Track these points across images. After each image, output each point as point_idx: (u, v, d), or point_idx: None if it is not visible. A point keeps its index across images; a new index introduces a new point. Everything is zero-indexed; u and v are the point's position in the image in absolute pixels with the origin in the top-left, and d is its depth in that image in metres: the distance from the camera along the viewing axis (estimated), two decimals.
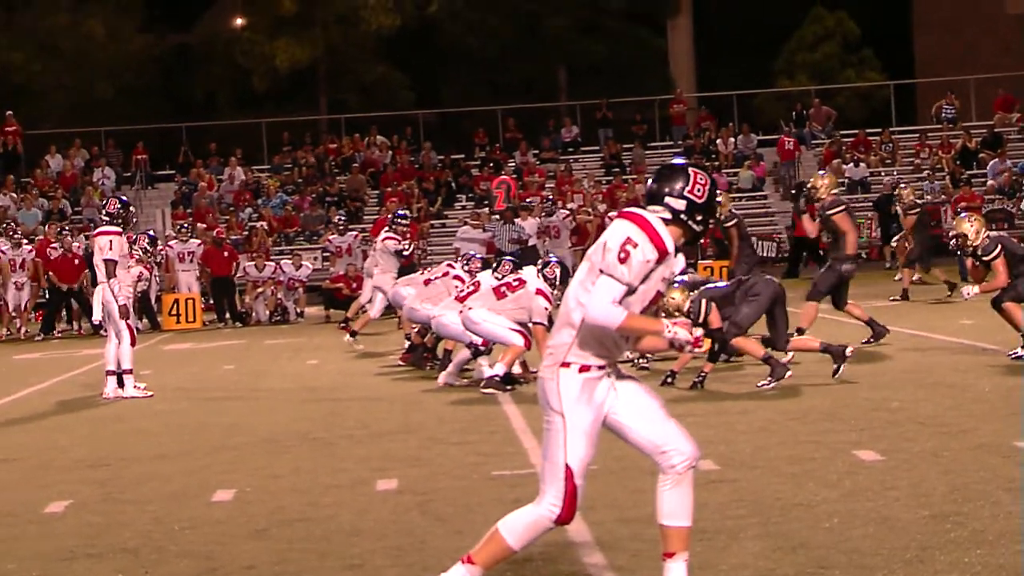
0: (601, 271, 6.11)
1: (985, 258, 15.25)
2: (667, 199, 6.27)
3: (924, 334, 17.82)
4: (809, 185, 17.76)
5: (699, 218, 6.29)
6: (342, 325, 22.37)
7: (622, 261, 6.06)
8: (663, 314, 12.76)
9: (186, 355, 21.79)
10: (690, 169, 6.36)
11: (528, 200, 33.32)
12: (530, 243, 29.52)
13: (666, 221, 6.22)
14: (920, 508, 8.00)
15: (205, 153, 41.96)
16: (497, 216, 31.25)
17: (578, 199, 35.82)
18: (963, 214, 16.48)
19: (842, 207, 16.88)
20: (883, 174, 39.56)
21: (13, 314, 27.64)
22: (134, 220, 16.78)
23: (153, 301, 28.57)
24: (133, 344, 15.91)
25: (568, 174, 39.55)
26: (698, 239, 6.39)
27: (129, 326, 15.89)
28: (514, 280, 15.05)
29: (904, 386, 13.30)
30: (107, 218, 16.17)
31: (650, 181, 6.41)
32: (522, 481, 9.24)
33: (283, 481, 10.06)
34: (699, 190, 6.29)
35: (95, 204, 37.56)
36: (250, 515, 8.87)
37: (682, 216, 6.26)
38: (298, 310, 28.81)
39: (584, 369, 6.17)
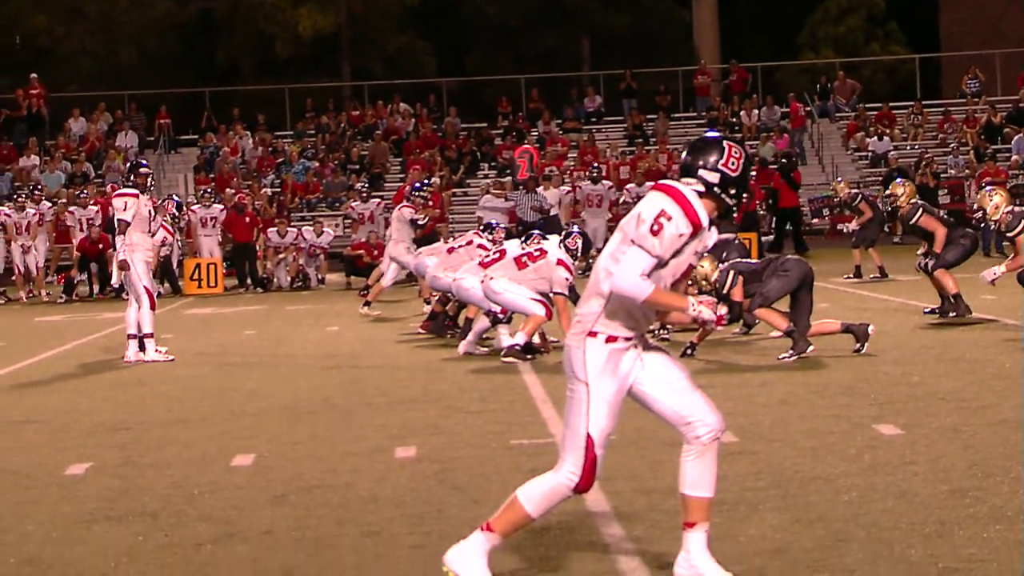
0: (632, 242, 6.08)
1: (1009, 234, 15.23)
2: (701, 171, 6.24)
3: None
4: (888, 193, 17.80)
5: (732, 191, 6.26)
6: (362, 292, 22.40)
7: (654, 233, 6.04)
8: (690, 281, 12.78)
9: (207, 320, 21.84)
10: (725, 142, 6.33)
11: (549, 169, 33.25)
12: (552, 213, 29.48)
13: (699, 194, 6.19)
14: (939, 483, 7.99)
15: (228, 119, 41.98)
16: (520, 185, 31.22)
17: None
18: (987, 188, 16.44)
19: (920, 210, 16.88)
20: (908, 147, 39.46)
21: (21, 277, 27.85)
22: (151, 186, 16.79)
23: (175, 266, 28.64)
24: (153, 308, 15.95)
25: (591, 144, 39.50)
26: (731, 212, 6.35)
27: (148, 290, 15.93)
28: (535, 250, 15.03)
29: (925, 361, 13.28)
30: (128, 180, 16.28)
31: (684, 153, 6.37)
32: (541, 450, 9.25)
33: (302, 447, 10.08)
34: (733, 163, 6.25)
35: (118, 168, 37.69)
36: (269, 480, 8.89)
37: (715, 189, 6.24)
38: (319, 276, 28.85)
39: (611, 340, 6.15)
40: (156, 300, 16.13)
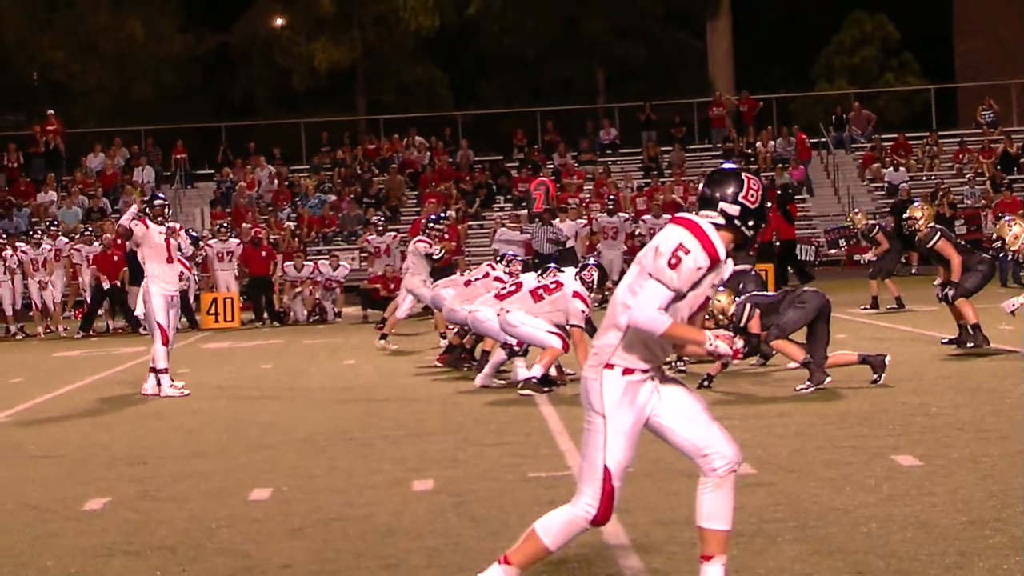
0: (650, 275, 6.09)
1: None
2: (721, 204, 6.24)
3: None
4: (906, 216, 17.78)
5: (751, 223, 6.27)
6: (379, 325, 22.42)
7: (672, 267, 6.05)
8: (707, 315, 12.77)
9: (224, 354, 21.87)
10: (743, 174, 6.35)
11: (569, 201, 33.29)
12: (568, 245, 29.51)
13: (718, 226, 6.19)
14: (958, 514, 7.96)
15: (244, 152, 42.12)
16: (536, 218, 31.24)
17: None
18: (1007, 218, 16.43)
19: (938, 234, 16.86)
20: (924, 178, 39.45)
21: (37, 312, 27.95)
22: (168, 216, 16.83)
23: (192, 300, 28.69)
24: (165, 344, 15.92)
25: (606, 176, 39.54)
26: (747, 244, 6.37)
27: (161, 326, 15.90)
28: (551, 282, 15.03)
29: (943, 391, 13.24)
30: (144, 212, 16.41)
31: (702, 186, 6.37)
32: (558, 483, 9.24)
33: (320, 481, 10.08)
34: (752, 195, 6.27)
35: (134, 203, 37.77)
36: (287, 514, 8.89)
37: (736, 222, 6.25)
38: (336, 310, 28.89)
39: (628, 372, 6.16)
40: (170, 335, 16.09)
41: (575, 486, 6.27)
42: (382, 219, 32.34)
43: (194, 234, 19.23)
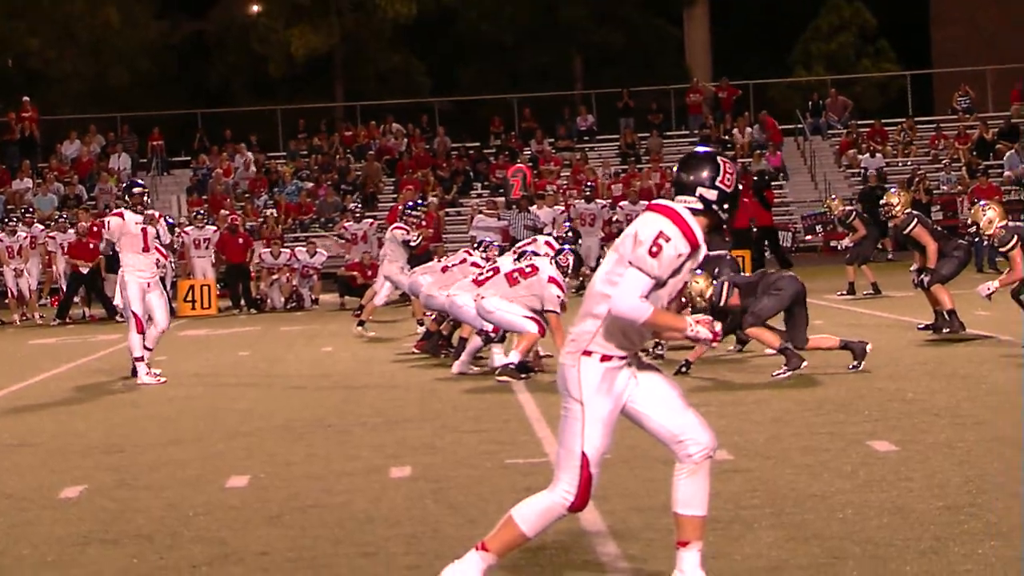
0: (630, 263, 6.09)
1: (1002, 248, 15.25)
2: (699, 189, 6.24)
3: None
4: (883, 202, 17.84)
5: (726, 207, 6.29)
6: (356, 312, 22.41)
7: (653, 255, 6.05)
8: (683, 298, 12.78)
9: (201, 341, 21.83)
10: (718, 158, 6.36)
11: (546, 188, 33.28)
12: (545, 231, 29.48)
13: (694, 211, 6.20)
14: (935, 499, 7.99)
15: (220, 139, 42.01)
16: (513, 204, 31.22)
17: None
18: (981, 203, 16.48)
19: (915, 220, 16.92)
20: (900, 164, 39.56)
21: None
22: (148, 204, 16.78)
23: (169, 288, 28.60)
24: (140, 332, 15.88)
25: (583, 163, 39.53)
26: (722, 227, 6.38)
27: (136, 315, 15.86)
28: (527, 266, 15.02)
29: (919, 377, 13.28)
30: (124, 201, 16.40)
31: (678, 171, 6.36)
32: (535, 469, 9.25)
33: (297, 468, 10.07)
34: (728, 179, 6.28)
35: (110, 190, 37.73)
36: (264, 501, 8.88)
37: (713, 206, 6.25)
38: (313, 297, 28.85)
39: (606, 359, 6.17)
40: (144, 324, 16.01)
41: (552, 473, 6.28)
42: (359, 206, 32.28)
43: (171, 221, 19.11)
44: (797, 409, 11.69)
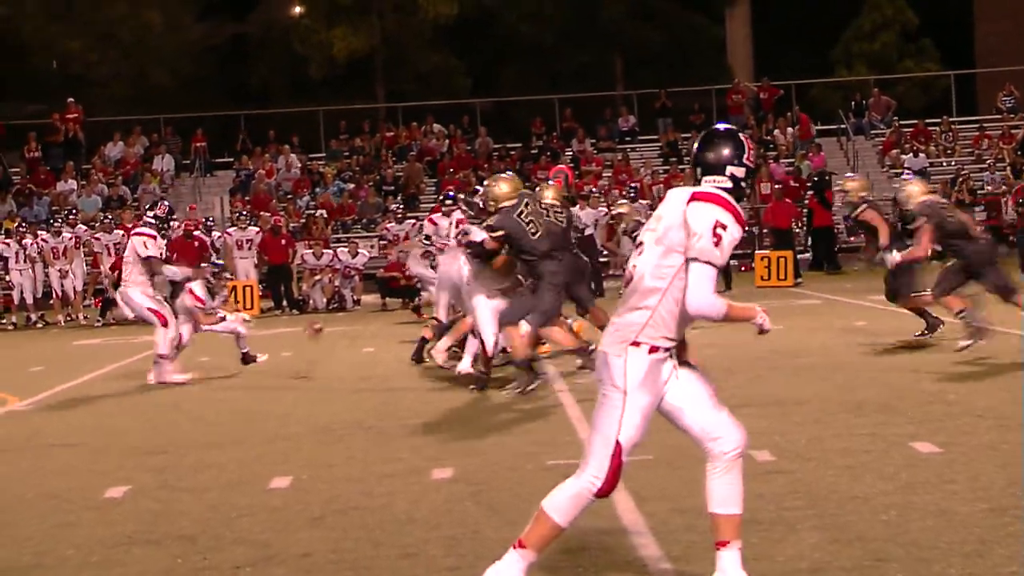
0: (695, 259, 6.04)
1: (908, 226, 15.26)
2: (728, 168, 6.25)
3: None
4: (839, 188, 17.80)
5: (748, 183, 6.35)
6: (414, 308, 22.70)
7: (716, 245, 6.03)
8: None
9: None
10: (740, 134, 6.39)
11: (588, 189, 33.24)
12: (587, 232, 29.45)
13: (726, 191, 6.21)
14: (979, 501, 7.94)
15: (263, 141, 42.15)
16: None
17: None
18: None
19: (865, 205, 16.84)
20: (944, 164, 39.36)
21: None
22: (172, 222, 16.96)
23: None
24: (165, 325, 16.01)
25: (625, 163, 39.48)
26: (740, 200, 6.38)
27: (154, 311, 16.02)
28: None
29: (961, 378, 13.21)
30: (152, 220, 16.52)
31: (703, 151, 6.33)
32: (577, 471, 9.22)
33: (338, 470, 10.09)
34: (752, 155, 6.33)
35: (154, 191, 37.93)
36: (306, 503, 8.90)
37: (741, 183, 6.25)
38: (355, 298, 28.91)
39: (654, 350, 6.15)
40: (169, 318, 16.14)
41: (583, 458, 6.27)
42: (401, 207, 32.33)
43: (168, 204, 18.66)
44: (838, 410, 11.64)
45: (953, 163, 39.06)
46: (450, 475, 9.59)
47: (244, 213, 31.70)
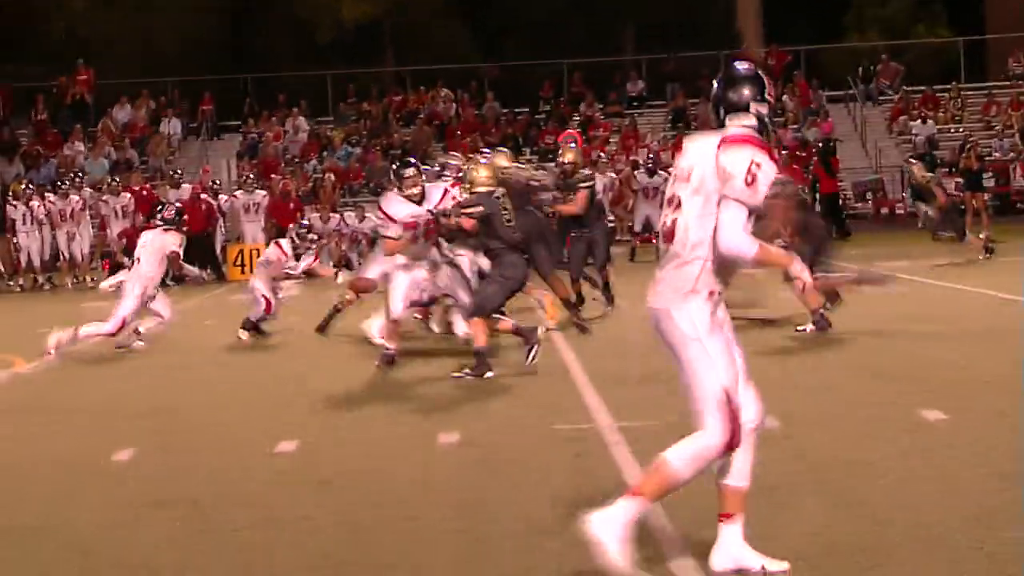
0: (726, 198, 5.96)
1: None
2: (753, 105, 6.17)
3: (991, 293, 17.65)
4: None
5: (770, 118, 6.25)
6: None
7: (750, 184, 5.93)
8: None
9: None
10: (759, 71, 6.30)
11: (595, 154, 33.16)
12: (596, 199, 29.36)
13: (754, 128, 6.13)
14: (981, 467, 7.94)
15: (270, 105, 42.06)
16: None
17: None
18: None
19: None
20: (952, 130, 39.24)
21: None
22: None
23: (219, 251, 28.75)
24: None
25: (633, 128, 39.40)
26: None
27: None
28: None
29: (970, 345, 13.19)
30: (161, 222, 16.61)
31: (725, 91, 6.25)
32: (583, 435, 9.25)
33: (345, 433, 10.11)
34: (771, 90, 6.25)
35: (163, 154, 37.92)
36: (314, 466, 8.92)
37: (765, 119, 6.19)
38: (361, 262, 28.88)
39: (711, 295, 6.06)
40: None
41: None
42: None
43: (179, 206, 18.69)
44: (845, 377, 11.65)
45: (962, 130, 38.92)
46: (456, 440, 9.60)
47: (251, 177, 31.65)
